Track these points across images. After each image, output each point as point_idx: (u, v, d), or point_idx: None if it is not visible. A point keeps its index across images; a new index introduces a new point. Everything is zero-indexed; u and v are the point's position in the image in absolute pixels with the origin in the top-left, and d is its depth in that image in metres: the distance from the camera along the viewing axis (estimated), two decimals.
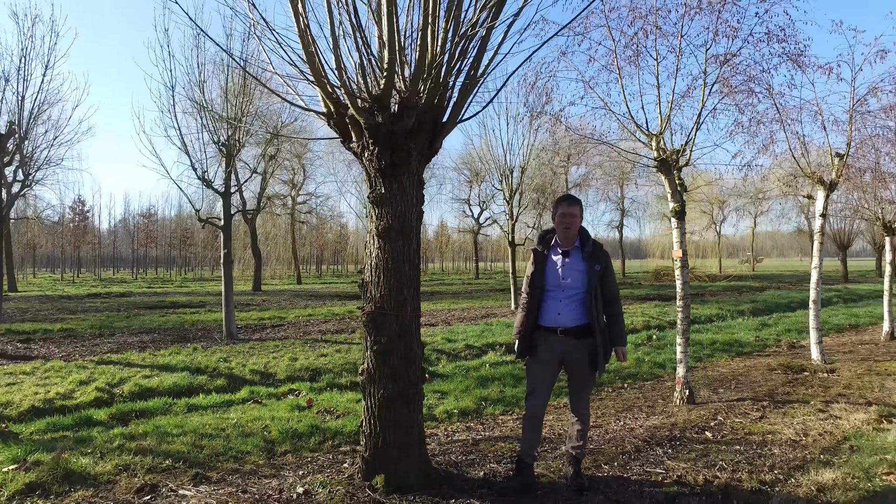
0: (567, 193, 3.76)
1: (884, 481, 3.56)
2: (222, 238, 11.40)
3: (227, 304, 11.16)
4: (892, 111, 7.92)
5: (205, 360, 8.46)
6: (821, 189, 7.67)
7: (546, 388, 3.59)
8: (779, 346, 9.42)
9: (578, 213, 3.57)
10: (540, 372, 3.58)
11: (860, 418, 4.92)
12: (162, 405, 6.01)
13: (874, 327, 11.92)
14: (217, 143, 11.11)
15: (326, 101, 3.49)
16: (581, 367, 3.51)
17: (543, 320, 3.55)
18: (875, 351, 8.67)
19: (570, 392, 3.70)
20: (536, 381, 3.59)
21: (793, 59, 5.90)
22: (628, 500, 3.31)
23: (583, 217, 3.65)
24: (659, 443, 4.37)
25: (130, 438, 4.68)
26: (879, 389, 6.02)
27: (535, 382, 3.60)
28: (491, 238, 53.50)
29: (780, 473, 3.69)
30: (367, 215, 3.56)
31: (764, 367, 7.44)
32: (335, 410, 5.63)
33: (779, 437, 4.44)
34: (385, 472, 3.38)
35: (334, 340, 10.63)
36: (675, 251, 5.83)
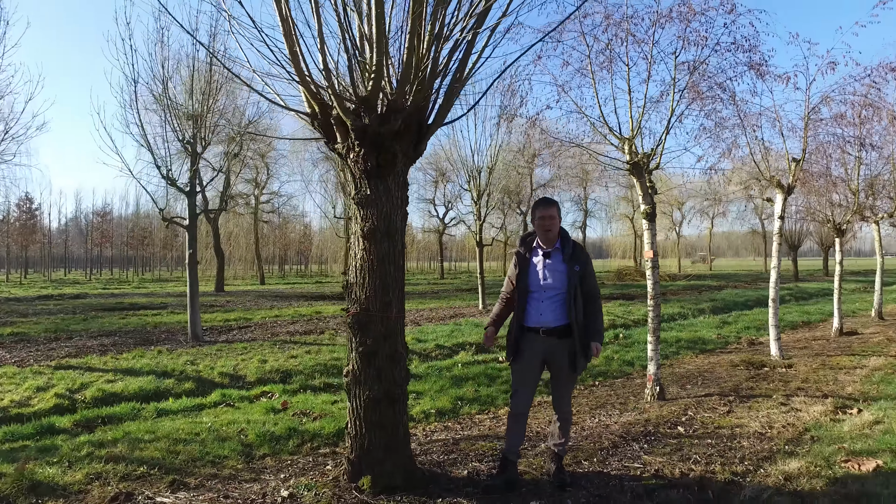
0: (544, 196, 3.82)
1: (843, 468, 3.77)
2: (187, 238, 11.11)
3: (193, 305, 10.88)
4: (842, 120, 8.34)
5: (171, 363, 8.24)
6: (779, 192, 8.03)
7: (530, 387, 3.67)
8: (739, 343, 9.81)
9: (556, 214, 3.64)
10: (524, 371, 3.65)
11: (818, 410, 5.19)
12: (130, 410, 5.83)
13: (825, 323, 12.53)
14: (182, 141, 10.82)
15: (311, 102, 3.46)
16: (563, 366, 3.59)
17: (527, 321, 3.62)
18: (827, 346, 9.13)
19: (553, 390, 3.78)
20: (520, 380, 3.67)
21: (754, 68, 6.15)
22: (610, 494, 3.41)
23: (561, 218, 3.72)
24: (635, 438, 4.50)
25: (99, 446, 4.52)
26: (833, 383, 6.35)
27: (519, 381, 3.68)
28: (456, 238, 53.73)
29: (750, 465, 3.86)
30: (351, 216, 3.55)
31: (727, 363, 7.74)
32: (311, 412, 5.57)
33: (746, 430, 4.63)
34: (371, 474, 3.38)
35: (303, 342, 10.50)
36: (646, 252, 6.01)
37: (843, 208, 10.32)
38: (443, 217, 44.96)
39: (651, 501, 3.29)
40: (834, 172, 9.52)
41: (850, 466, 3.79)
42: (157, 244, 44.43)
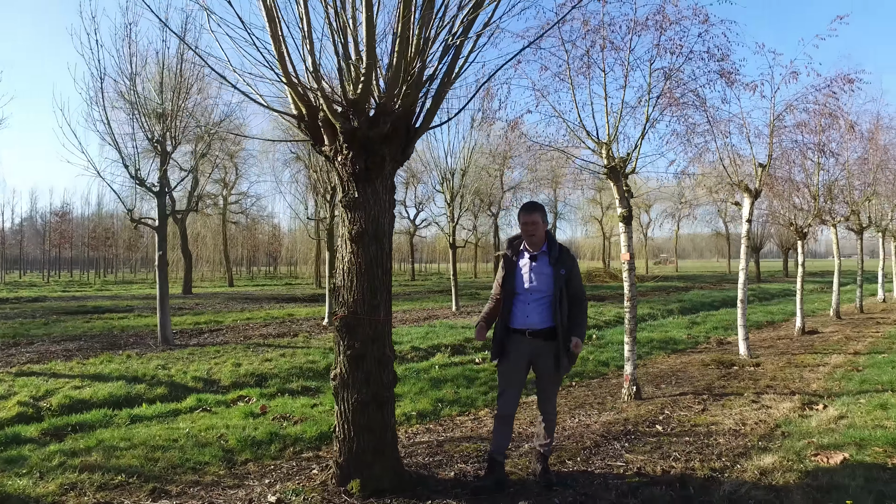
0: (528, 202, 3.87)
1: (813, 462, 3.93)
2: (157, 240, 10.83)
3: (163, 308, 10.61)
4: (804, 127, 8.69)
5: (141, 367, 8.02)
6: (747, 196, 8.31)
7: (517, 388, 3.71)
8: (709, 342, 10.10)
9: (539, 219, 3.68)
10: (510, 372, 3.70)
11: (787, 407, 5.40)
12: (101, 417, 5.65)
13: (787, 323, 13.01)
14: (151, 140, 10.55)
15: (298, 104, 3.44)
16: (548, 367, 3.64)
17: (513, 322, 3.67)
18: (791, 345, 9.48)
19: (538, 391, 3.83)
20: (507, 382, 3.71)
21: (725, 76, 6.36)
22: (596, 492, 3.48)
23: (546, 221, 3.76)
24: (615, 437, 4.60)
25: (72, 455, 4.38)
26: (799, 380, 6.61)
27: (505, 383, 3.72)
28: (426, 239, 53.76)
29: (727, 461, 3.99)
30: (338, 219, 3.53)
31: (698, 362, 7.96)
32: (291, 416, 5.51)
33: (721, 428, 4.79)
34: (360, 477, 3.37)
35: (277, 344, 10.36)
36: (623, 254, 6.14)
37: (805, 212, 10.74)
38: (413, 218, 44.99)
39: (635, 499, 3.37)
40: (797, 178, 9.90)
41: (819, 460, 3.95)
42: (120, 245, 43.04)
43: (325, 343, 10.32)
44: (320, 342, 10.52)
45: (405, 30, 3.08)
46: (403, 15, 3.05)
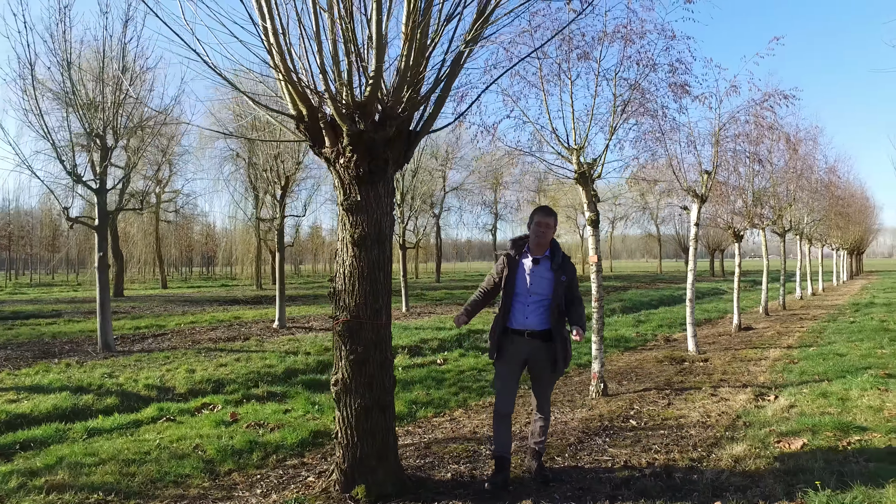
0: (544, 205, 3.96)
1: (777, 448, 4.26)
2: (97, 239, 10.18)
3: (103, 312, 9.98)
4: (745, 137, 9.35)
5: (85, 376, 7.53)
6: (695, 201, 8.83)
7: (513, 388, 3.79)
8: (657, 340, 10.64)
9: (553, 224, 3.75)
10: (507, 372, 3.77)
11: (743, 399, 5.80)
12: (53, 432, 5.25)
13: (723, 320, 13.90)
14: (90, 133, 9.90)
15: (298, 104, 3.36)
16: (544, 367, 3.75)
17: (512, 323, 3.73)
18: (732, 341, 10.16)
19: (534, 391, 3.92)
20: (504, 381, 3.77)
21: (679, 88, 6.75)
22: (591, 486, 3.62)
23: (556, 229, 3.84)
24: (596, 433, 4.79)
25: (31, 475, 4.06)
26: (747, 374, 7.11)
27: (502, 382, 3.78)
28: None
29: (703, 451, 4.26)
30: (339, 222, 3.48)
31: (653, 359, 8.38)
32: (266, 423, 5.35)
33: (689, 420, 5.09)
34: (365, 483, 3.34)
35: (230, 349, 10.00)
36: (590, 256, 6.38)
37: (742, 216, 11.54)
38: None
39: (629, 490, 3.54)
40: (736, 184, 10.62)
41: (782, 446, 4.30)
42: (35, 245, 39.81)
43: (279, 347, 10.05)
44: (274, 346, 10.24)
45: (414, 35, 3.09)
46: (412, 22, 3.06)
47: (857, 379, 6.31)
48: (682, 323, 12.87)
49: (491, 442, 4.61)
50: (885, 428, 4.65)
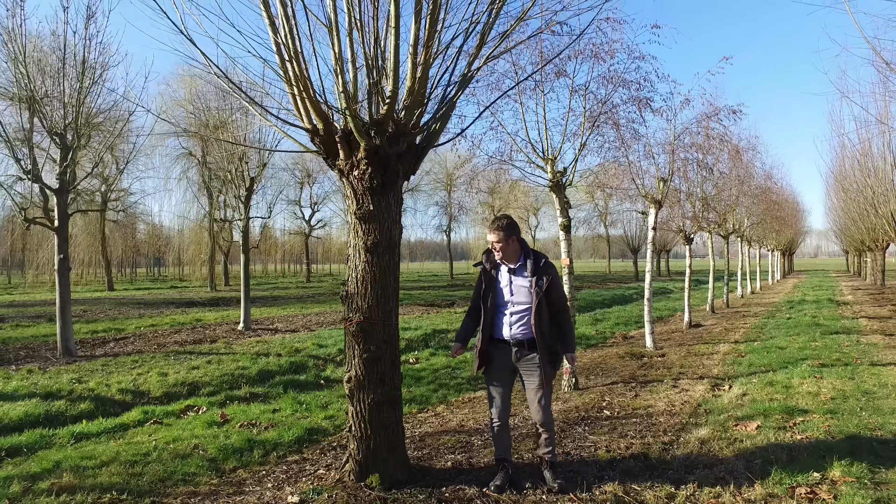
0: (493, 219, 3.91)
1: (736, 430, 4.79)
2: (57, 241, 9.86)
3: (64, 316, 9.72)
4: (697, 147, 10.08)
5: (51, 382, 7.38)
6: (653, 206, 9.47)
7: (506, 396, 3.79)
8: (615, 337, 11.27)
9: (502, 237, 3.64)
10: (497, 381, 3.76)
11: (701, 389, 6.38)
12: (38, 438, 5.21)
13: (673, 318, 14.78)
14: (51, 133, 9.61)
15: (315, 119, 3.59)
16: (533, 375, 3.69)
17: (497, 333, 3.73)
18: (684, 338, 10.90)
19: (528, 400, 3.79)
20: (495, 391, 3.77)
21: (646, 102, 7.29)
22: (579, 469, 4.01)
23: (513, 235, 3.69)
24: (575, 422, 5.20)
25: (32, 479, 4.09)
26: (702, 367, 7.75)
27: (494, 391, 3.77)
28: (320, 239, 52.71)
29: (672, 435, 4.73)
30: (352, 230, 3.72)
31: (615, 355, 8.94)
32: (258, 423, 5.48)
33: (657, 409, 5.58)
34: (378, 472, 3.60)
35: (198, 352, 9.93)
36: (563, 259, 6.82)
37: (691, 220, 12.36)
38: (309, 219, 43.92)
39: (613, 471, 3.94)
40: (687, 190, 11.39)
41: (740, 429, 4.83)
42: None
43: (248, 349, 10.06)
44: (243, 348, 10.23)
45: (427, 59, 3.38)
46: (426, 48, 3.35)
47: (797, 369, 7.04)
48: (636, 321, 13.64)
49: (481, 433, 4.95)
50: (822, 410, 5.29)
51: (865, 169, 18.55)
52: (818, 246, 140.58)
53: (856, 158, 19.29)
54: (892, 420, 4.96)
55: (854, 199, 21.07)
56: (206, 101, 24.21)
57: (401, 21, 3.22)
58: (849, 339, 9.57)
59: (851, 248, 38.66)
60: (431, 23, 3.33)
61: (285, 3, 3.22)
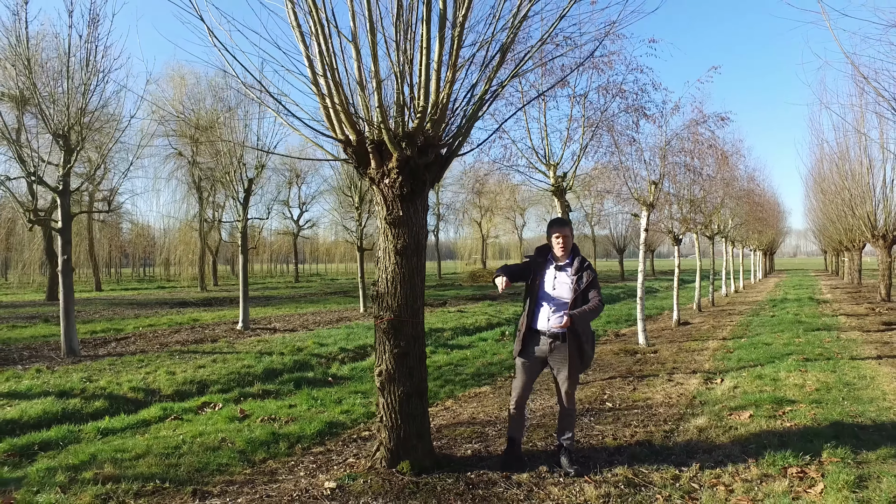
0: (558, 217, 4.31)
1: (730, 419, 5.16)
2: (61, 242, 9.96)
3: (68, 317, 9.82)
4: (688, 153, 10.50)
5: (62, 381, 7.53)
6: (644, 209, 9.86)
7: (529, 382, 4.15)
8: (607, 335, 11.66)
9: (570, 234, 4.11)
10: (528, 367, 4.09)
11: (695, 382, 6.75)
12: (66, 434, 5.41)
13: (662, 316, 15.24)
14: (54, 134, 9.71)
15: (348, 131, 3.86)
16: (563, 365, 4.00)
17: (535, 324, 4.05)
18: (674, 335, 11.32)
19: (557, 389, 4.15)
20: (523, 377, 4.11)
21: (641, 111, 7.66)
22: (590, 454, 4.33)
23: (573, 235, 4.20)
24: (582, 414, 5.52)
25: (74, 469, 4.30)
26: (694, 362, 8.14)
27: (521, 378, 4.11)
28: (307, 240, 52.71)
29: (672, 424, 5.08)
30: (382, 234, 4.00)
31: (609, 352, 9.31)
32: (277, 418, 5.72)
33: (656, 401, 5.94)
34: (409, 458, 3.88)
35: (201, 351, 10.11)
36: None
37: (680, 222, 12.81)
38: (297, 219, 43.87)
39: (622, 456, 4.28)
40: (676, 193, 11.82)
41: (734, 418, 5.20)
42: None
43: (251, 348, 10.26)
44: (245, 347, 10.43)
45: (454, 76, 3.67)
46: (452, 68, 3.64)
47: (783, 363, 7.46)
48: (626, 319, 14.06)
49: (493, 424, 5.26)
50: (808, 400, 5.69)
51: (843, 172, 19.23)
52: (797, 246, 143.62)
53: (834, 162, 20.00)
54: (871, 408, 5.38)
55: (832, 201, 21.80)
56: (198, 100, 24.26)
57: (433, 45, 3.50)
58: (829, 336, 10.06)
59: (829, 247, 39.75)
60: (458, 46, 3.63)
61: (325, 30, 3.49)
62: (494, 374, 7.97)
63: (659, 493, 3.62)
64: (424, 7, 3.46)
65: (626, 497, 3.56)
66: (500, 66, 3.97)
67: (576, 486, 3.73)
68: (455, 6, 3.65)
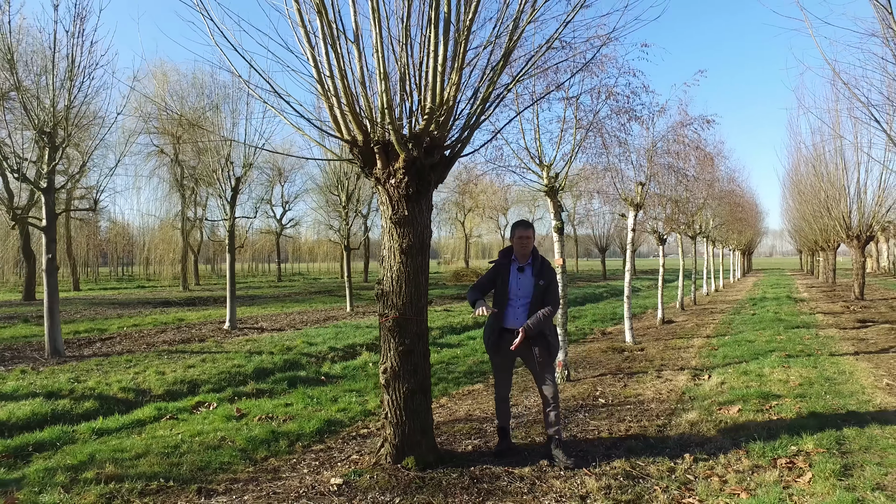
0: (523, 219, 4.60)
1: (720, 414, 5.33)
2: (45, 241, 9.80)
3: (52, 317, 9.67)
4: (675, 155, 10.72)
5: (49, 382, 7.44)
6: (631, 209, 10.05)
7: (508, 377, 4.49)
8: (594, 333, 11.84)
9: (532, 235, 4.36)
10: (502, 363, 4.42)
11: (683, 379, 6.93)
12: (60, 434, 5.35)
13: (646, 315, 15.50)
14: (39, 131, 9.55)
15: (355, 132, 3.91)
16: (533, 358, 4.28)
17: (506, 323, 4.31)
18: (659, 333, 11.55)
19: (536, 381, 4.40)
20: (500, 371, 4.46)
21: (628, 112, 7.82)
22: (588, 448, 4.45)
23: (535, 238, 4.47)
24: (576, 410, 5.65)
25: (73, 469, 4.28)
26: (681, 359, 8.34)
27: (499, 372, 4.48)
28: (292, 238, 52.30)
29: (665, 419, 5.23)
30: (387, 233, 4.05)
31: (597, 350, 9.47)
32: (275, 416, 5.74)
33: (647, 397, 6.09)
34: (413, 454, 3.95)
35: (190, 350, 10.05)
36: (556, 259, 7.27)
37: (666, 222, 13.06)
38: (280, 217, 43.50)
39: (618, 449, 4.40)
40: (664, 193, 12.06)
41: (723, 412, 5.37)
42: None
43: (240, 347, 10.21)
44: (234, 346, 10.38)
45: (459, 85, 3.75)
46: (459, 71, 3.72)
47: (766, 360, 7.69)
48: (611, 318, 14.29)
49: (490, 421, 5.35)
50: (792, 395, 5.89)
51: (820, 174, 19.77)
52: (773, 245, 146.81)
53: (811, 164, 20.53)
54: (851, 402, 5.60)
55: (809, 202, 22.37)
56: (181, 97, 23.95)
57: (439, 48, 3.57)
58: (809, 333, 10.37)
59: (805, 247, 40.74)
60: (464, 50, 3.71)
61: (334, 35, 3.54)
62: (486, 372, 8.06)
63: (657, 485, 3.74)
64: (431, 11, 3.53)
65: (626, 489, 3.68)
66: (503, 70, 4.06)
67: (577, 479, 3.84)
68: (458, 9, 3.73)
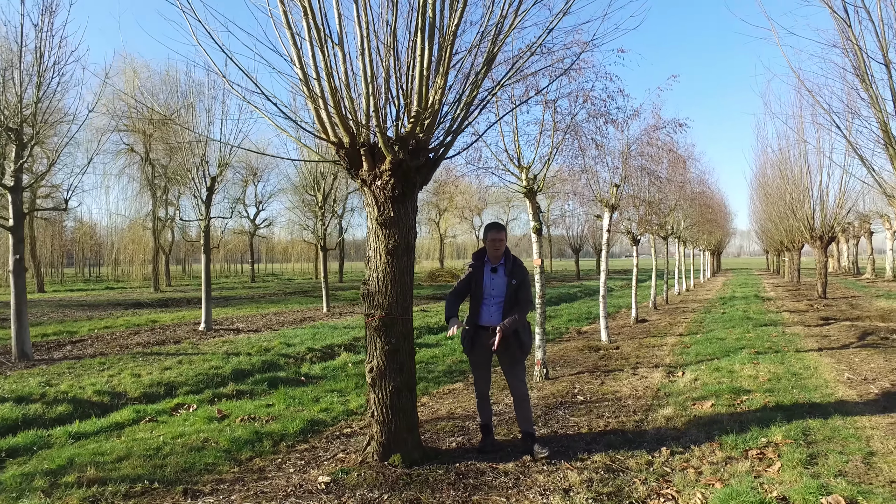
0: (495, 222, 4.69)
1: (694, 409, 5.52)
2: (12, 241, 9.53)
3: (20, 319, 9.42)
4: (649, 157, 10.98)
5: (18, 386, 7.27)
6: (607, 210, 10.27)
7: (486, 374, 4.57)
8: (570, 333, 12.04)
9: (504, 237, 4.46)
10: (479, 361, 4.52)
11: (658, 376, 7.13)
12: (35, 439, 5.24)
13: (620, 314, 15.81)
14: (5, 128, 9.28)
15: (341, 134, 3.95)
16: (504, 355, 4.41)
17: (480, 321, 4.44)
18: (633, 332, 11.81)
19: (506, 377, 4.52)
20: (478, 370, 4.56)
21: (608, 117, 8.01)
22: (569, 444, 4.57)
23: (507, 239, 4.60)
24: (556, 407, 5.77)
25: (52, 474, 4.22)
26: (655, 357, 8.57)
27: (477, 370, 4.58)
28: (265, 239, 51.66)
29: (641, 414, 5.39)
30: (373, 234, 4.10)
31: (574, 349, 9.66)
32: (257, 417, 5.72)
33: (624, 394, 6.26)
34: (400, 452, 4.00)
35: (165, 353, 9.89)
36: (535, 260, 7.41)
37: (639, 222, 13.36)
38: (254, 218, 42.90)
39: (598, 444, 4.53)
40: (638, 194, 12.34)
41: (697, 407, 5.56)
42: None
43: (216, 349, 10.10)
44: (211, 348, 10.26)
45: (444, 86, 3.82)
46: (444, 76, 3.79)
47: (737, 356, 7.96)
48: (587, 317, 14.54)
49: (472, 419, 5.44)
50: (761, 389, 6.13)
51: (785, 176, 20.45)
52: (741, 246, 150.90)
53: (777, 167, 21.22)
54: (816, 395, 5.86)
55: (775, 203, 23.11)
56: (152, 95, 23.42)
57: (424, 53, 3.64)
58: (776, 331, 10.75)
59: (771, 248, 42.00)
60: (449, 54, 3.78)
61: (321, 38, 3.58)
62: (465, 371, 8.15)
63: (636, 477, 3.88)
64: (418, 16, 3.60)
65: (607, 482, 3.80)
66: (486, 75, 4.15)
67: (560, 473, 3.95)
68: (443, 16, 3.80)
